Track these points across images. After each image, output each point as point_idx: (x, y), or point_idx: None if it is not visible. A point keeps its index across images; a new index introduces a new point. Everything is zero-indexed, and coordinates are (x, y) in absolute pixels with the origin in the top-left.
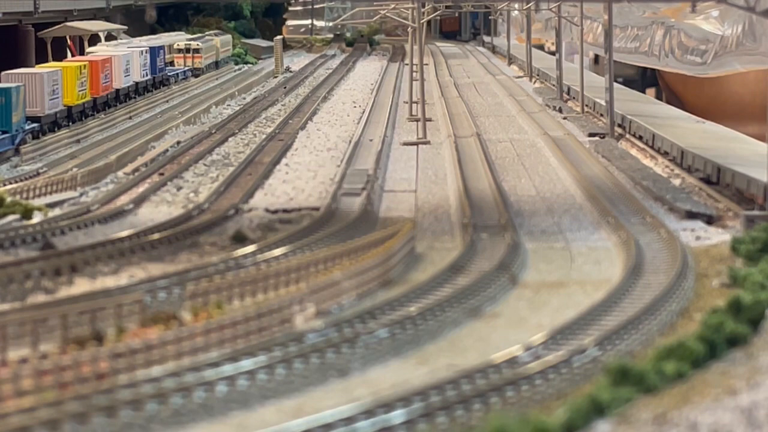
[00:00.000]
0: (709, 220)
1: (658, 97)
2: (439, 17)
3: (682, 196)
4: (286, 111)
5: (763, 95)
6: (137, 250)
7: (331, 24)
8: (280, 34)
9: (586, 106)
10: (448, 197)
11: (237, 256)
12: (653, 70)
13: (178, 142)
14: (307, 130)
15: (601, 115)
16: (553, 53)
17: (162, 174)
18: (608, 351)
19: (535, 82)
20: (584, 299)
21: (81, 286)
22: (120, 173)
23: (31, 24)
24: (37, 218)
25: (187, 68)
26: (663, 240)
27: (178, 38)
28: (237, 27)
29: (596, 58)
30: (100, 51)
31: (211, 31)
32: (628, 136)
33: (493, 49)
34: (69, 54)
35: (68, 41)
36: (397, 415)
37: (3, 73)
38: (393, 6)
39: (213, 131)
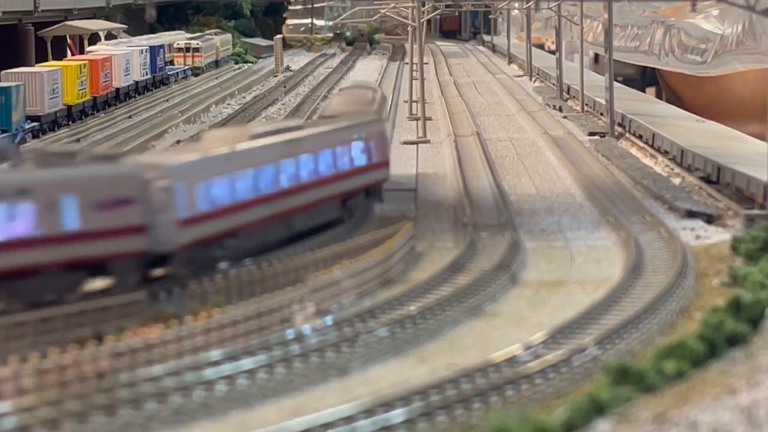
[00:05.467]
0: (709, 219)
1: (658, 96)
2: (439, 16)
3: (682, 195)
4: (286, 110)
5: (763, 94)
6: None
7: (331, 23)
8: (280, 33)
9: (586, 105)
10: (448, 196)
11: None
12: (653, 69)
13: (178, 141)
14: None
15: (601, 114)
16: (553, 52)
17: None
18: (608, 350)
19: (535, 81)
20: (584, 298)
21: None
22: None
23: (31, 23)
24: None
25: (187, 67)
26: (663, 239)
27: (178, 37)
28: (237, 26)
29: (596, 57)
30: (100, 50)
31: (211, 30)
32: (628, 135)
33: (493, 48)
34: (69, 53)
35: (68, 40)
36: (397, 414)
37: (3, 72)
38: (393, 5)
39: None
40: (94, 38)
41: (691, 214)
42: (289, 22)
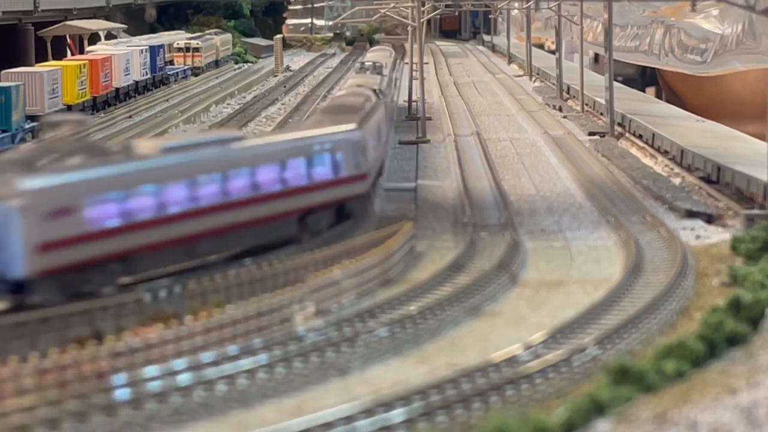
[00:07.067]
0: (709, 219)
1: (658, 96)
2: (439, 16)
3: (682, 195)
4: (286, 110)
5: (763, 94)
6: None
7: (330, 23)
8: (280, 32)
9: (586, 104)
10: (448, 196)
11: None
12: (653, 69)
13: None
14: None
15: (601, 114)
16: (553, 52)
17: None
18: (608, 350)
19: (534, 80)
20: (584, 298)
21: None
22: None
23: (31, 23)
24: None
25: (186, 67)
26: (663, 239)
27: (178, 37)
28: (237, 26)
29: (596, 57)
30: (99, 50)
31: (211, 30)
32: (628, 135)
33: (493, 48)
34: (69, 53)
35: (68, 40)
36: (397, 414)
37: (3, 72)
38: (393, 5)
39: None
40: (94, 38)
41: (691, 214)
42: (289, 21)
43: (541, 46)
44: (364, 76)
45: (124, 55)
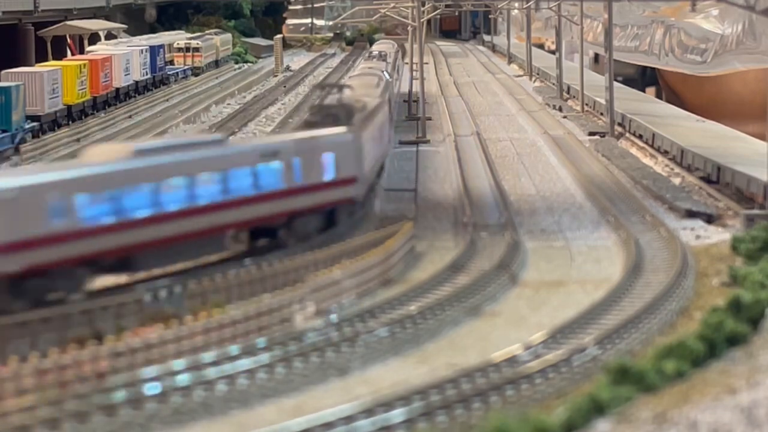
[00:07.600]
0: (709, 219)
1: (658, 96)
2: (439, 16)
3: (682, 195)
4: (286, 110)
5: (763, 94)
6: None
7: (330, 23)
8: (280, 32)
9: (586, 104)
10: (448, 196)
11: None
12: (653, 69)
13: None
14: None
15: (601, 113)
16: (553, 52)
17: None
18: (608, 350)
19: (535, 80)
20: (584, 298)
21: None
22: None
23: (31, 23)
24: None
25: (187, 67)
26: (663, 239)
27: (178, 37)
28: (237, 26)
29: (596, 57)
30: (100, 50)
31: (211, 30)
32: (628, 134)
33: (493, 48)
34: (69, 53)
35: (68, 40)
36: (397, 414)
37: (3, 72)
38: (393, 5)
39: (213, 130)
40: (94, 38)
41: (691, 214)
42: (289, 21)
43: (541, 46)
44: (372, 61)
45: (124, 55)
